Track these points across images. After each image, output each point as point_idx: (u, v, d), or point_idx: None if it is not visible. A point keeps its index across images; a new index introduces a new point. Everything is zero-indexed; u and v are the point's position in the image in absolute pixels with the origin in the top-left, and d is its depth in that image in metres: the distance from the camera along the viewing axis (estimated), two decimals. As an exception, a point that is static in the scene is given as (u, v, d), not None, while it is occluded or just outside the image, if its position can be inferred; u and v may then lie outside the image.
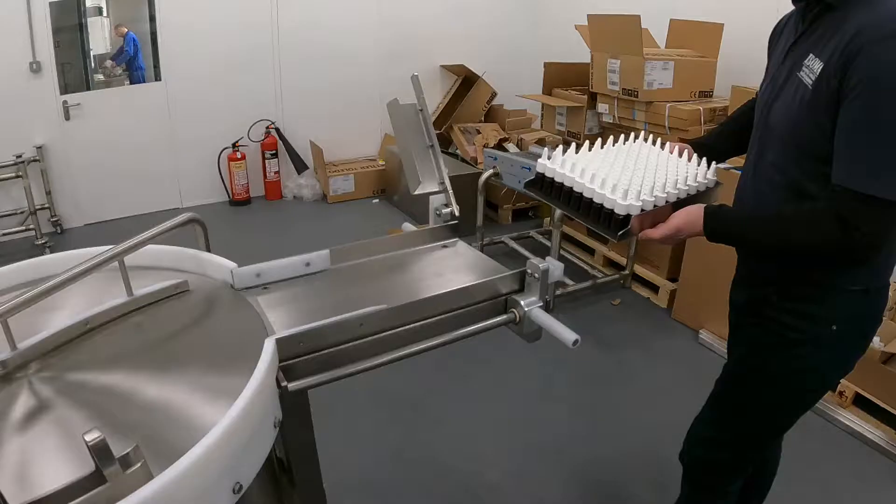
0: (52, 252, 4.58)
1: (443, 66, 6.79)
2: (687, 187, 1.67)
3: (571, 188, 1.66)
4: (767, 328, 1.66)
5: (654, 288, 4.34)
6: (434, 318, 1.36)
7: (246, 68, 5.93)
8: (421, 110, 1.84)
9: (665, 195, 1.60)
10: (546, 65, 4.96)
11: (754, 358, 1.73)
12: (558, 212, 3.81)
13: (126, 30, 5.43)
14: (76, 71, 5.35)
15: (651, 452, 2.82)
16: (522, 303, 1.41)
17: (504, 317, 1.43)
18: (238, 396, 1.01)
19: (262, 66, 6.02)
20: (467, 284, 1.40)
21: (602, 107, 4.46)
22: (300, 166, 6.27)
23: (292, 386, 1.17)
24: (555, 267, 1.43)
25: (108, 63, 5.50)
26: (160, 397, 1.09)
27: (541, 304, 1.42)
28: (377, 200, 6.39)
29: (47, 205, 5.34)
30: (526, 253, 4.58)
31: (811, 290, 1.57)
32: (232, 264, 1.50)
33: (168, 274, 1.55)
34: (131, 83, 5.64)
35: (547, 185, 1.75)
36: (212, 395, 1.10)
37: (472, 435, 3.03)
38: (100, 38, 5.45)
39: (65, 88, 5.27)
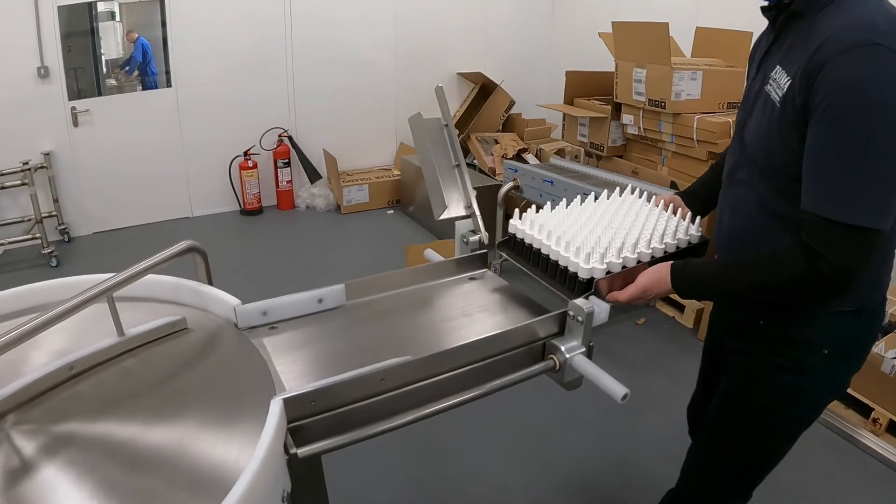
0: (57, 261, 4.57)
1: (460, 74, 6.63)
2: (663, 245, 1.60)
3: (539, 250, 1.58)
4: (756, 356, 1.57)
5: (680, 307, 4.16)
6: (464, 369, 1.20)
7: (258, 75, 5.79)
8: (446, 125, 1.69)
9: (636, 255, 1.53)
10: (568, 73, 4.80)
11: (743, 387, 1.64)
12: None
13: (137, 35, 5.31)
14: (88, 76, 5.23)
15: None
16: (563, 348, 1.26)
17: (542, 364, 1.28)
18: (239, 460, 0.89)
19: (275, 73, 5.88)
20: (502, 330, 1.24)
21: (627, 118, 4.30)
22: (313, 175, 6.12)
23: (303, 452, 1.02)
24: (600, 308, 1.28)
25: (118, 70, 5.37)
26: (155, 455, 0.97)
27: (583, 349, 1.26)
28: (392, 211, 6.22)
29: (55, 213, 5.21)
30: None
31: (800, 313, 1.48)
32: (235, 301, 1.34)
33: (165, 308, 1.41)
34: (144, 89, 5.51)
35: (518, 246, 1.67)
36: (211, 454, 0.96)
37: (492, 464, 2.88)
38: (112, 43, 5.33)
39: (78, 94, 5.16)
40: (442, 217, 1.62)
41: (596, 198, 1.83)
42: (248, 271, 4.77)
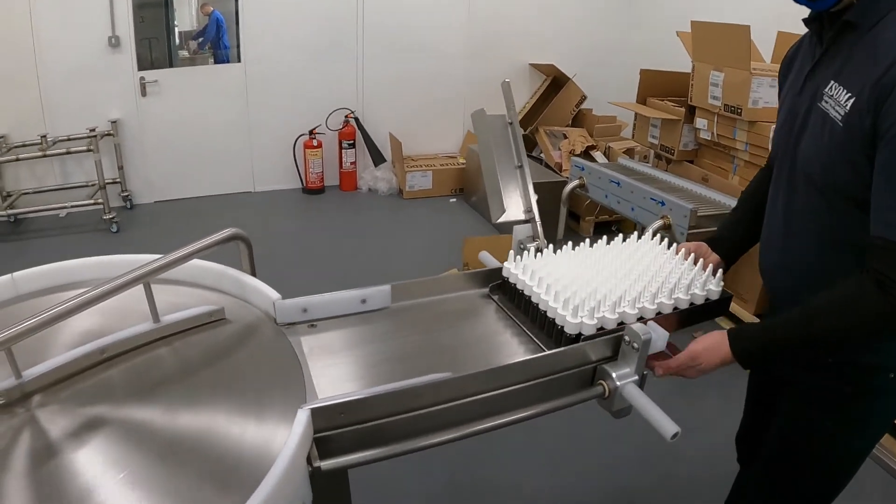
0: (118, 227, 4.63)
1: (532, 65, 6.51)
2: (673, 301, 1.41)
3: (530, 298, 1.41)
4: (822, 384, 1.48)
5: (737, 321, 4.01)
6: (507, 389, 1.13)
7: (328, 54, 5.78)
8: (511, 123, 1.61)
9: (636, 311, 1.34)
10: (642, 72, 4.66)
11: (810, 415, 1.54)
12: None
13: (211, 9, 5.35)
14: (161, 47, 5.29)
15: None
16: (614, 375, 1.17)
17: (591, 391, 1.20)
18: (262, 463, 0.87)
19: (344, 54, 5.86)
20: (551, 352, 1.16)
21: (700, 122, 4.15)
22: (377, 158, 6.09)
23: (327, 465, 0.97)
24: (658, 336, 1.19)
25: (191, 43, 5.43)
26: (178, 444, 0.95)
27: (636, 377, 1.18)
28: (454, 200, 6.14)
29: (118, 179, 5.30)
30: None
31: None
32: (275, 295, 1.30)
33: (205, 295, 1.38)
34: (216, 62, 5.57)
35: (510, 291, 1.49)
36: (239, 452, 0.94)
37: (529, 473, 2.79)
38: (186, 14, 5.40)
39: (151, 64, 5.23)
40: (500, 220, 1.55)
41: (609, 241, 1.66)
42: (304, 251, 4.77)
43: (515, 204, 1.57)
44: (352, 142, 6.02)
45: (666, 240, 1.65)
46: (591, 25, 6.54)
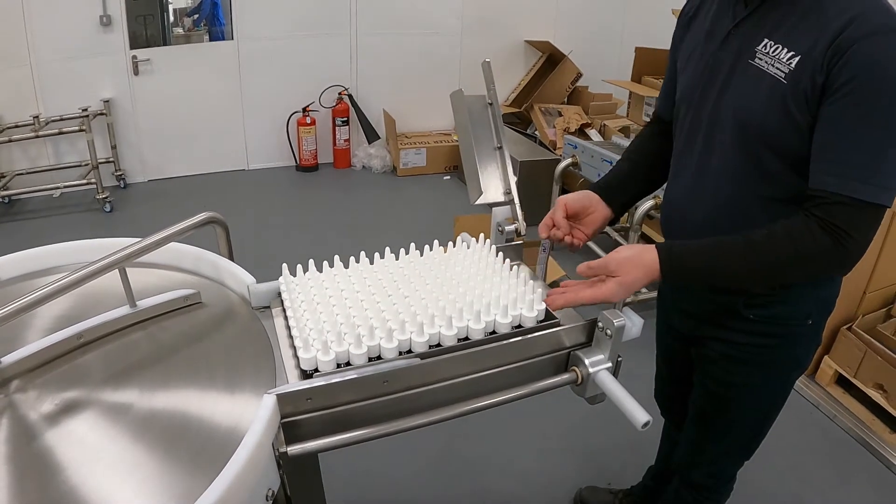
0: (111, 207, 4.63)
1: (527, 42, 6.47)
2: (454, 331, 1.17)
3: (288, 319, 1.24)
4: (742, 342, 1.52)
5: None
6: (478, 375, 1.13)
7: (321, 31, 5.74)
8: (490, 104, 1.60)
9: (396, 344, 1.12)
10: (637, 50, 4.66)
11: (733, 373, 1.58)
12: (638, 211, 3.51)
13: (206, -16, 5.32)
14: (155, 24, 5.25)
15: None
16: (587, 361, 1.17)
17: (564, 377, 1.19)
18: (227, 448, 0.88)
19: (338, 31, 5.81)
20: (522, 338, 1.15)
21: (694, 100, 4.14)
22: (371, 135, 6.06)
23: (293, 451, 0.97)
24: (633, 323, 1.18)
25: (186, 20, 5.41)
26: (151, 427, 0.97)
27: (609, 365, 1.18)
28: (448, 178, 6.13)
29: (112, 159, 5.29)
30: (600, 252, 4.22)
31: (782, 290, 1.43)
32: (250, 279, 1.30)
33: (184, 278, 1.39)
34: (211, 39, 5.53)
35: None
36: (209, 437, 0.96)
37: (517, 452, 2.77)
38: (181, -9, 5.37)
39: (146, 41, 5.21)
40: (478, 202, 1.54)
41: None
42: (298, 229, 4.79)
43: (494, 186, 1.56)
44: (345, 119, 6.01)
45: (494, 247, 1.49)
46: (587, 2, 6.48)
